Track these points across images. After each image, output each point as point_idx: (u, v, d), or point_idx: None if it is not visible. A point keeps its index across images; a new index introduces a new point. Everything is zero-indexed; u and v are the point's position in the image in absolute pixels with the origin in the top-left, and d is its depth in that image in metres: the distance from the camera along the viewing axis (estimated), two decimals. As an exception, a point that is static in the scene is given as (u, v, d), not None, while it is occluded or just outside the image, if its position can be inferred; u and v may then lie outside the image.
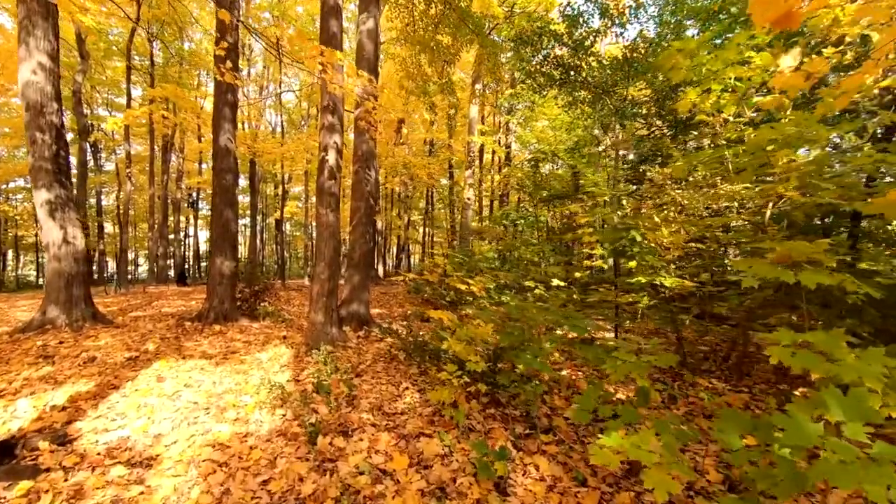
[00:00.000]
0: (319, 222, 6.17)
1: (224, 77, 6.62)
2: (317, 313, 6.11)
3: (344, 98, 6.46)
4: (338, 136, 6.17)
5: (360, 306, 7.46)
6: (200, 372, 4.99)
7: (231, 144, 8.49)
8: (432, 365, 4.78)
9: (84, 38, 18.31)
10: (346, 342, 6.28)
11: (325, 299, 6.11)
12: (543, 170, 15.10)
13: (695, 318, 4.51)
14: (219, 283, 8.24)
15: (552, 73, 11.69)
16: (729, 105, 4.57)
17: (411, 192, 27.56)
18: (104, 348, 6.10)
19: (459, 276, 5.48)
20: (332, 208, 6.16)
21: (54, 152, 7.46)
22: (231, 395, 4.26)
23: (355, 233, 7.51)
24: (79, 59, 18.56)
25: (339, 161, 6.24)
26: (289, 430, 3.38)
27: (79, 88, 18.33)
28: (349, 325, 7.20)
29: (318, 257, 6.20)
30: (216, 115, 8.47)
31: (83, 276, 7.85)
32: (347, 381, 4.49)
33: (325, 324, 6.12)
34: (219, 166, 8.39)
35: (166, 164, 24.42)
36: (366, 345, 6.37)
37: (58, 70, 7.66)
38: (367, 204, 7.56)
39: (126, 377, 4.71)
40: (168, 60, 24.56)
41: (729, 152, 4.32)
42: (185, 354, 5.81)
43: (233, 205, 8.54)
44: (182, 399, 4.12)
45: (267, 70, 25.84)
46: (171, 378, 4.73)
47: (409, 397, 4.06)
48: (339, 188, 6.25)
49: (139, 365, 5.28)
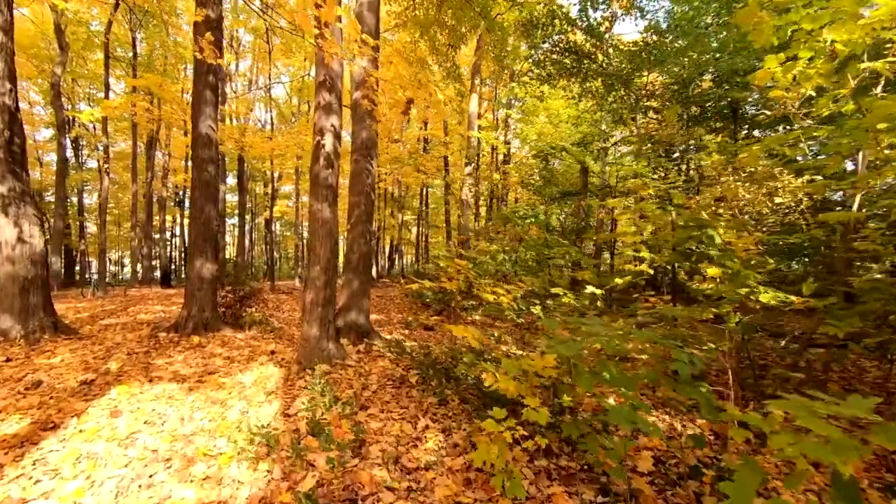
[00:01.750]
0: (314, 218, 5.25)
1: (203, 54, 5.72)
2: (310, 326, 5.19)
3: (342, 73, 5.56)
4: (336, 117, 5.26)
5: (359, 315, 6.54)
6: (168, 402, 4.06)
7: (213, 132, 7.53)
8: (455, 394, 3.90)
9: (63, 28, 17.36)
10: (344, 359, 5.37)
11: (320, 309, 5.19)
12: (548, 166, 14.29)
13: (790, 341, 3.72)
14: (198, 289, 7.26)
15: (563, 61, 10.87)
16: (814, 77, 3.76)
17: (404, 191, 26.68)
18: (57, 368, 5.13)
19: (488, 285, 4.59)
20: (329, 202, 5.25)
21: (7, 139, 6.47)
22: (203, 436, 3.35)
23: (354, 231, 6.59)
24: (58, 51, 17.69)
25: (338, 147, 5.34)
26: (276, 499, 2.48)
27: (57, 81, 17.47)
28: (347, 338, 6.29)
29: (313, 260, 5.28)
30: (196, 98, 7.50)
31: (42, 281, 6.86)
32: (350, 415, 3.59)
33: (321, 338, 5.21)
34: (199, 156, 7.42)
35: (151, 160, 23.34)
36: (368, 362, 5.47)
37: (11, 46, 6.69)
38: (368, 199, 6.65)
39: (72, 411, 3.77)
40: (152, 52, 23.61)
41: (822, 131, 3.53)
42: (152, 376, 4.86)
43: (215, 200, 7.57)
44: (138, 445, 3.20)
45: (256, 65, 24.76)
46: (129, 411, 3.80)
47: (431, 440, 3.18)
48: (336, 179, 5.34)
49: (94, 392, 4.33)
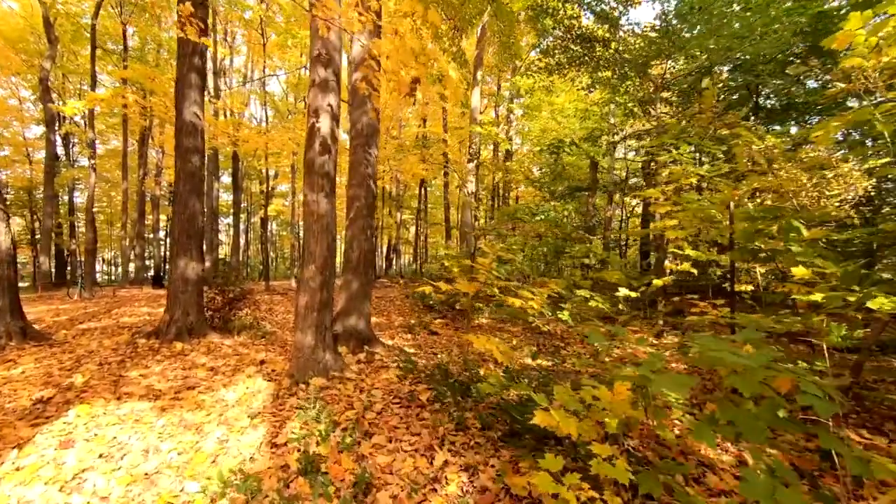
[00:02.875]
0: (308, 212, 4.61)
1: (186, 31, 5.08)
2: (304, 333, 4.55)
3: (341, 47, 4.92)
4: (333, 96, 4.62)
5: (359, 320, 5.90)
6: (133, 427, 3.41)
7: (198, 119, 6.87)
8: (475, 417, 3.27)
9: (53, 21, 16.90)
10: (343, 371, 4.73)
11: (315, 314, 4.55)
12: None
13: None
14: (182, 291, 6.59)
15: (573, 49, 10.25)
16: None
17: (402, 190, 26.05)
18: (13, 382, 4.47)
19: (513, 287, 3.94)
20: (326, 193, 4.60)
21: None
22: (168, 476, 2.71)
23: (353, 227, 5.94)
24: (47, 45, 17.25)
25: (336, 130, 4.69)
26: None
27: (46, 76, 17.03)
28: (346, 345, 5.65)
29: (307, 258, 4.63)
30: (180, 82, 6.84)
31: (9, 282, 6.20)
32: (352, 447, 2.95)
33: (316, 347, 4.56)
34: (183, 145, 6.75)
35: (143, 158, 22.60)
36: (370, 374, 4.82)
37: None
38: (368, 191, 6.00)
39: (15, 440, 3.12)
40: (144, 46, 22.97)
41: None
42: (122, 392, 4.21)
43: (200, 193, 6.91)
44: (85, 489, 2.56)
45: (251, 57, 24.01)
46: (84, 440, 3.15)
47: (453, 483, 2.55)
48: (334, 166, 4.70)
49: (49, 413, 3.68)
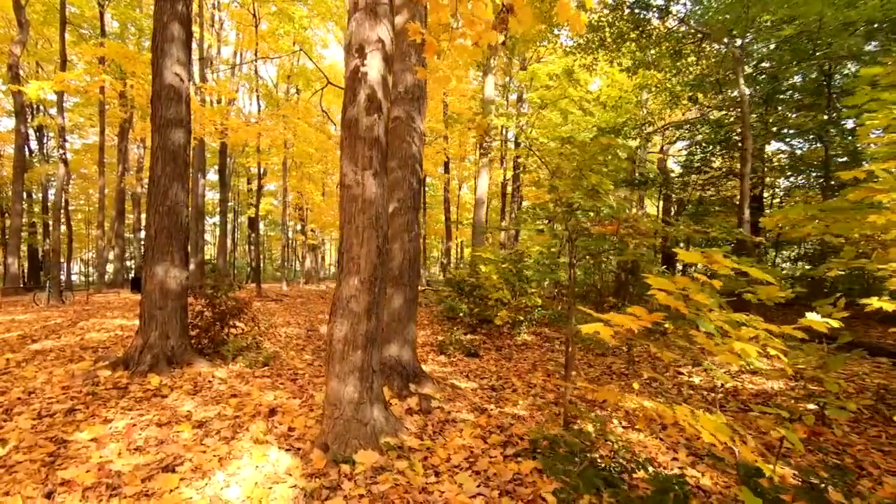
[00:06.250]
0: (349, 196, 3.05)
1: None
2: (343, 381, 2.99)
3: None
4: (385, 25, 3.07)
5: (402, 348, 4.33)
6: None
7: (182, 82, 5.24)
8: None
9: (24, 4, 15.47)
10: (397, 433, 3.18)
11: (360, 353, 2.98)
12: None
13: None
14: (160, 307, 4.95)
15: (622, 26, 8.83)
16: None
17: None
18: None
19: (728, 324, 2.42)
20: (375, 170, 3.05)
21: None
22: None
23: (395, 222, 4.39)
24: (17, 30, 15.76)
25: (388, 78, 3.15)
26: None
27: (16, 62, 15.71)
28: (387, 384, 4.09)
29: (347, 266, 3.07)
30: (158, 34, 5.19)
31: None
32: None
33: (361, 402, 3.00)
34: (163, 115, 5.11)
35: (123, 152, 20.74)
36: (435, 436, 3.30)
37: None
38: (414, 174, 4.46)
39: None
40: (123, 32, 21.23)
41: None
42: (55, 484, 2.62)
43: (184, 180, 5.29)
44: None
45: (240, 41, 22.08)
46: None
47: None
48: (385, 131, 3.16)
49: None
